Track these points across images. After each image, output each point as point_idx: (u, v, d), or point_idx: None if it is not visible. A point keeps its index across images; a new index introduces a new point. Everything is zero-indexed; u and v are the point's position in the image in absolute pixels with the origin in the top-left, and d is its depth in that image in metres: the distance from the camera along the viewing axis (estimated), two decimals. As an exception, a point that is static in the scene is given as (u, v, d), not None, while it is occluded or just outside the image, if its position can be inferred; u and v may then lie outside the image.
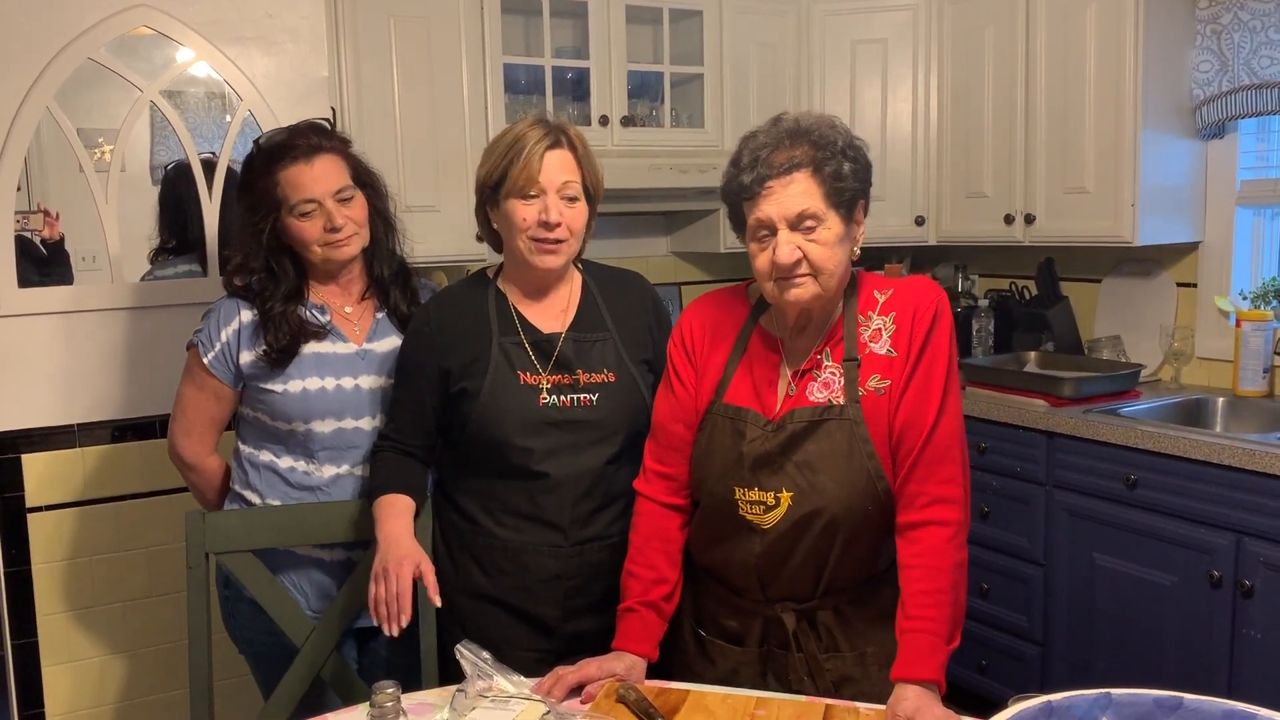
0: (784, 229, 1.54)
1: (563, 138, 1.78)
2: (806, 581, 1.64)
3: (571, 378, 1.81)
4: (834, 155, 1.55)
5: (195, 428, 2.00)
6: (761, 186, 1.54)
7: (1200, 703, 1.17)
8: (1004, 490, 3.05)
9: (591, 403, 1.81)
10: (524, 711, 1.48)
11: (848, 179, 1.55)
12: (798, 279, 1.56)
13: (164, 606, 2.69)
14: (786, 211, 1.54)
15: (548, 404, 1.80)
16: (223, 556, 1.92)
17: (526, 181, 1.75)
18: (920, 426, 1.57)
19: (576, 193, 1.79)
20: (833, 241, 1.55)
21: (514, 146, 1.76)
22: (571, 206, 1.78)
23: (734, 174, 1.59)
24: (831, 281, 1.58)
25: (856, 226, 1.61)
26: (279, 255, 1.93)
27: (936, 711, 1.40)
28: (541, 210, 1.75)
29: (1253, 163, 3.11)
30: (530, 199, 1.76)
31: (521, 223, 1.77)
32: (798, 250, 1.54)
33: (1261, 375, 2.98)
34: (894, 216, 3.64)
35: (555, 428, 1.79)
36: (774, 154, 1.55)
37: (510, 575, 1.83)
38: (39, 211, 2.64)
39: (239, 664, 2.10)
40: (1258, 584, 2.43)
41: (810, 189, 1.54)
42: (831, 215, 1.55)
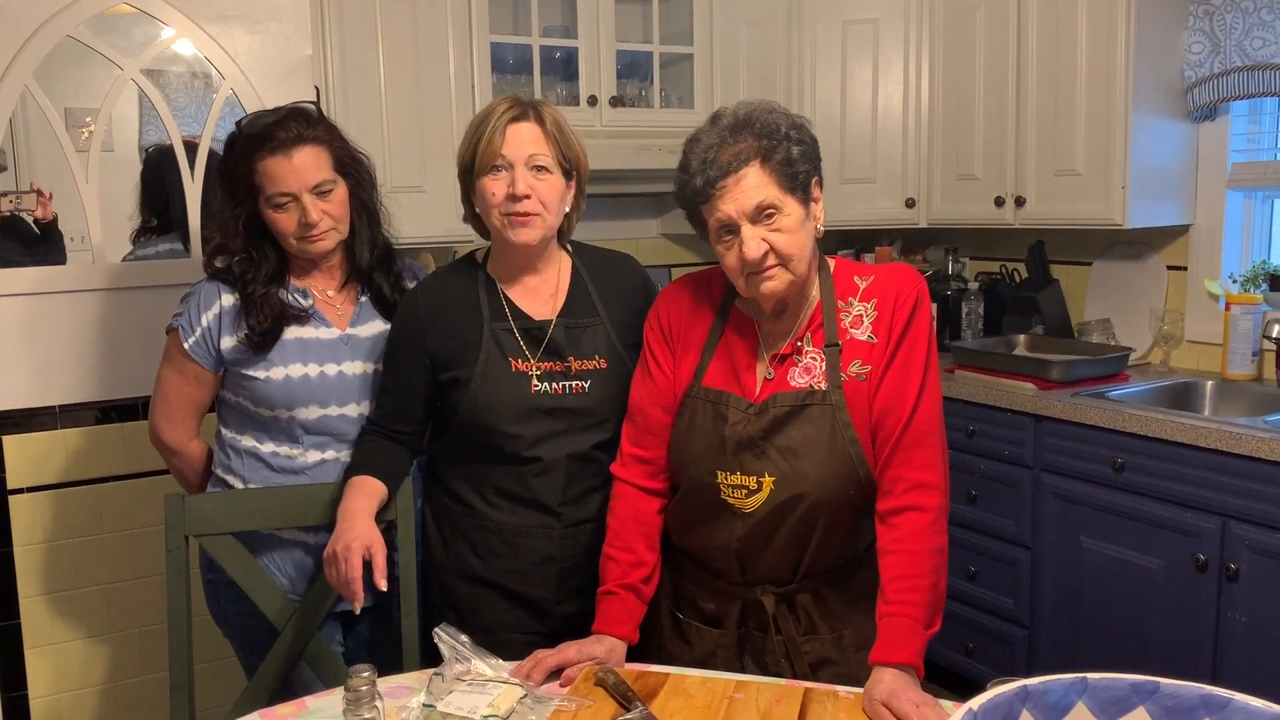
0: (746, 225, 1.54)
1: (530, 111, 1.77)
2: (786, 565, 1.64)
3: (563, 365, 1.81)
4: (780, 141, 1.54)
5: (176, 412, 1.98)
6: (714, 188, 1.53)
7: (1177, 687, 1.17)
8: (991, 474, 3.05)
9: (584, 390, 1.80)
10: (501, 695, 1.47)
11: (798, 162, 1.55)
12: (768, 271, 1.55)
13: (147, 589, 2.69)
14: (744, 207, 1.53)
15: (539, 391, 1.79)
16: (203, 539, 1.90)
17: (491, 155, 1.74)
18: (900, 412, 1.57)
19: (546, 164, 1.76)
20: (795, 228, 1.55)
21: (483, 122, 1.76)
22: (540, 178, 1.75)
23: (685, 180, 1.58)
24: (801, 266, 1.58)
25: (815, 205, 1.61)
26: (259, 240, 1.91)
27: (913, 694, 1.40)
28: (509, 183, 1.73)
29: (1244, 145, 3.10)
30: (498, 173, 1.74)
31: (491, 198, 1.75)
32: (763, 243, 1.54)
33: (1250, 359, 2.97)
34: (884, 199, 3.63)
35: (547, 415, 1.79)
36: (720, 153, 1.53)
37: (504, 558, 1.83)
38: (32, 191, 2.63)
39: (223, 646, 2.09)
40: (1243, 568, 2.43)
41: (763, 180, 1.53)
42: (789, 201, 1.55)
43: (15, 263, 2.54)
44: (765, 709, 1.47)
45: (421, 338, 1.83)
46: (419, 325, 1.84)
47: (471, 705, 1.44)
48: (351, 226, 1.97)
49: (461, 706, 1.44)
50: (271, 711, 1.55)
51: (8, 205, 2.57)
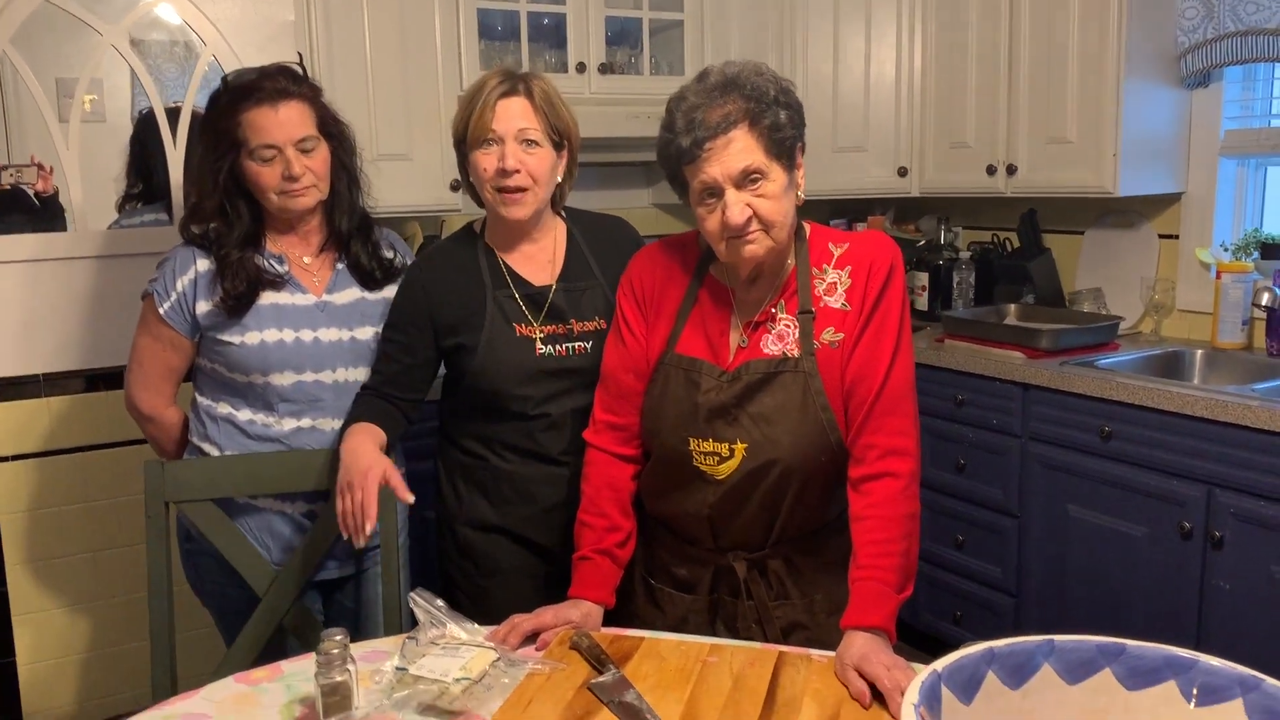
0: (730, 189, 1.52)
1: (520, 85, 1.80)
2: (758, 531, 1.64)
3: (565, 327, 1.87)
4: (769, 106, 1.52)
5: (152, 379, 1.98)
6: (701, 149, 1.51)
7: (1142, 648, 1.17)
8: (980, 443, 3.05)
9: (586, 350, 1.86)
10: (474, 658, 1.47)
11: (785, 128, 1.53)
12: (750, 236, 1.54)
13: (132, 557, 2.70)
14: (730, 170, 1.51)
15: (544, 354, 1.85)
16: (183, 506, 1.91)
17: (482, 129, 1.78)
18: (872, 379, 1.56)
19: (536, 138, 1.80)
20: (779, 194, 1.54)
21: (475, 97, 1.80)
22: (531, 152, 1.80)
23: (669, 139, 1.56)
24: (783, 233, 1.57)
25: (797, 171, 1.59)
26: (235, 198, 1.90)
27: (884, 658, 1.40)
28: (500, 158, 1.78)
29: (1237, 112, 3.07)
30: (489, 147, 1.79)
31: (484, 173, 1.80)
32: (747, 208, 1.52)
33: (1240, 327, 2.95)
34: (877, 168, 3.60)
35: (551, 376, 1.86)
36: (708, 113, 1.51)
37: (516, 504, 1.91)
38: (32, 165, 2.63)
39: (204, 615, 2.10)
40: (1227, 535, 2.43)
41: (750, 144, 1.51)
42: (775, 167, 1.53)
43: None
44: (738, 672, 1.47)
45: (426, 307, 1.88)
46: (423, 293, 1.89)
47: (444, 668, 1.44)
48: (333, 190, 1.96)
49: (434, 669, 1.43)
50: (246, 675, 1.55)
51: (8, 179, 2.57)
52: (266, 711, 1.44)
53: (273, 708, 1.45)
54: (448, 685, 1.40)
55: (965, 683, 1.14)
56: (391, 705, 1.40)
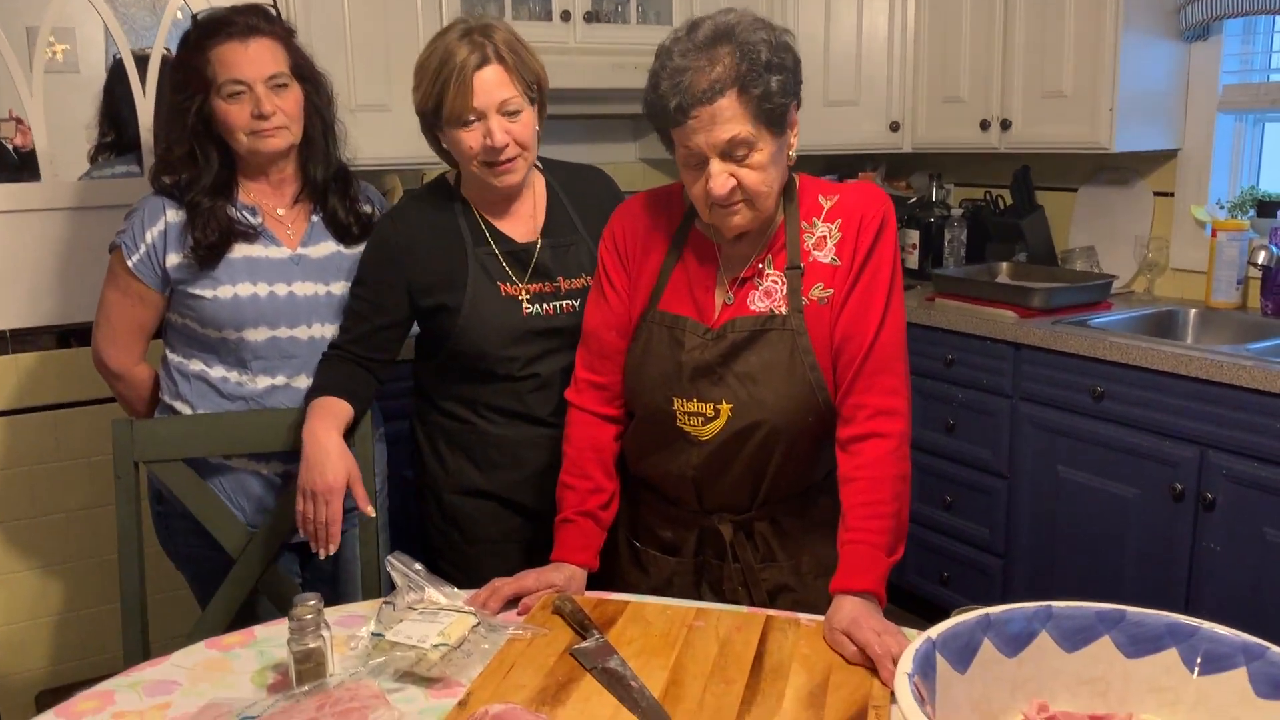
0: (715, 160, 1.45)
1: (489, 50, 1.69)
2: (744, 492, 1.59)
3: (552, 285, 1.81)
4: (760, 73, 1.42)
5: (120, 335, 1.91)
6: (686, 116, 1.43)
7: (1143, 615, 1.14)
8: (970, 403, 3.01)
9: (574, 308, 1.80)
10: (453, 623, 1.42)
11: (776, 95, 1.43)
12: (734, 207, 1.48)
13: (106, 517, 2.64)
14: (715, 140, 1.43)
15: (531, 313, 1.79)
16: (154, 466, 1.85)
17: (463, 108, 1.69)
18: (862, 337, 1.51)
19: (518, 106, 1.72)
20: (766, 164, 1.46)
21: (443, 70, 1.69)
22: (515, 120, 1.72)
23: (655, 98, 1.46)
24: (769, 203, 1.50)
25: (790, 132, 1.51)
26: (205, 142, 1.82)
27: (873, 623, 1.36)
28: (485, 134, 1.70)
29: (1236, 66, 3.00)
30: (470, 124, 1.70)
31: (469, 151, 1.72)
32: (731, 180, 1.45)
33: (1235, 286, 2.91)
34: (868, 122, 3.53)
35: (539, 336, 1.80)
36: (695, 78, 1.41)
37: (505, 469, 1.86)
38: (10, 119, 2.57)
39: (180, 575, 2.05)
40: (1219, 497, 2.40)
41: (738, 113, 1.42)
42: (763, 136, 1.45)
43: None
44: (724, 637, 1.43)
45: (400, 266, 1.80)
46: (397, 251, 1.80)
47: (421, 634, 1.39)
48: (307, 137, 1.88)
49: (411, 635, 1.39)
50: (218, 640, 1.51)
51: None
52: (238, 678, 1.40)
53: (245, 674, 1.41)
54: (425, 651, 1.36)
55: (960, 650, 1.10)
56: (367, 672, 1.35)
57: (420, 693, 1.34)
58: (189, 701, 1.33)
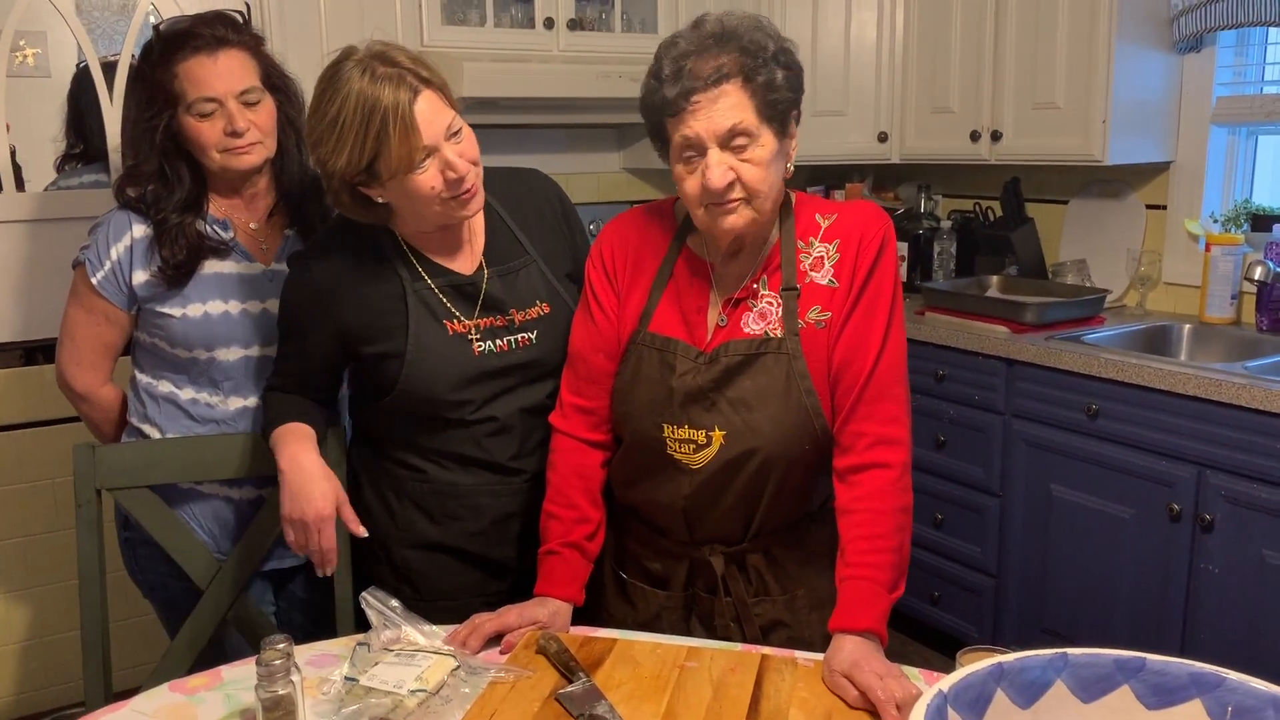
0: (714, 148, 1.38)
1: (411, 79, 1.47)
2: (737, 523, 1.52)
3: (505, 319, 1.64)
4: (765, 62, 1.38)
5: (86, 355, 1.82)
6: (687, 101, 1.37)
7: (1164, 664, 1.07)
8: (961, 419, 2.95)
9: (530, 341, 1.64)
10: (431, 667, 1.35)
11: (781, 89, 1.39)
12: (731, 205, 1.41)
13: (71, 541, 2.53)
14: (716, 128, 1.37)
15: (484, 352, 1.61)
16: (117, 493, 1.76)
17: (412, 152, 1.46)
18: (862, 363, 1.44)
19: (458, 125, 1.52)
20: (767, 160, 1.40)
21: (372, 121, 1.44)
22: (459, 141, 1.52)
23: (655, 87, 1.41)
24: (766, 204, 1.43)
25: (790, 141, 1.45)
26: (174, 159, 1.73)
27: (876, 665, 1.29)
28: (444, 168, 1.49)
29: (1229, 78, 2.96)
30: (426, 164, 1.49)
31: (430, 192, 1.50)
32: (730, 172, 1.39)
33: (1229, 301, 2.87)
34: (856, 132, 3.48)
35: (493, 376, 1.63)
36: (699, 63, 1.37)
37: (463, 520, 1.69)
38: None
39: (145, 602, 1.97)
40: (1218, 518, 2.36)
41: (741, 102, 1.37)
42: (765, 131, 1.39)
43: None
44: (719, 678, 1.37)
45: (325, 312, 1.61)
46: (320, 298, 1.61)
47: (398, 679, 1.32)
48: (280, 149, 1.80)
49: (387, 680, 1.32)
50: (182, 683, 1.43)
51: None
52: (203, 726, 1.32)
53: (210, 721, 1.33)
54: (402, 698, 1.30)
55: (973, 702, 1.03)
56: (340, 720, 1.28)
57: (396, 742, 1.26)
58: (150, 752, 1.25)
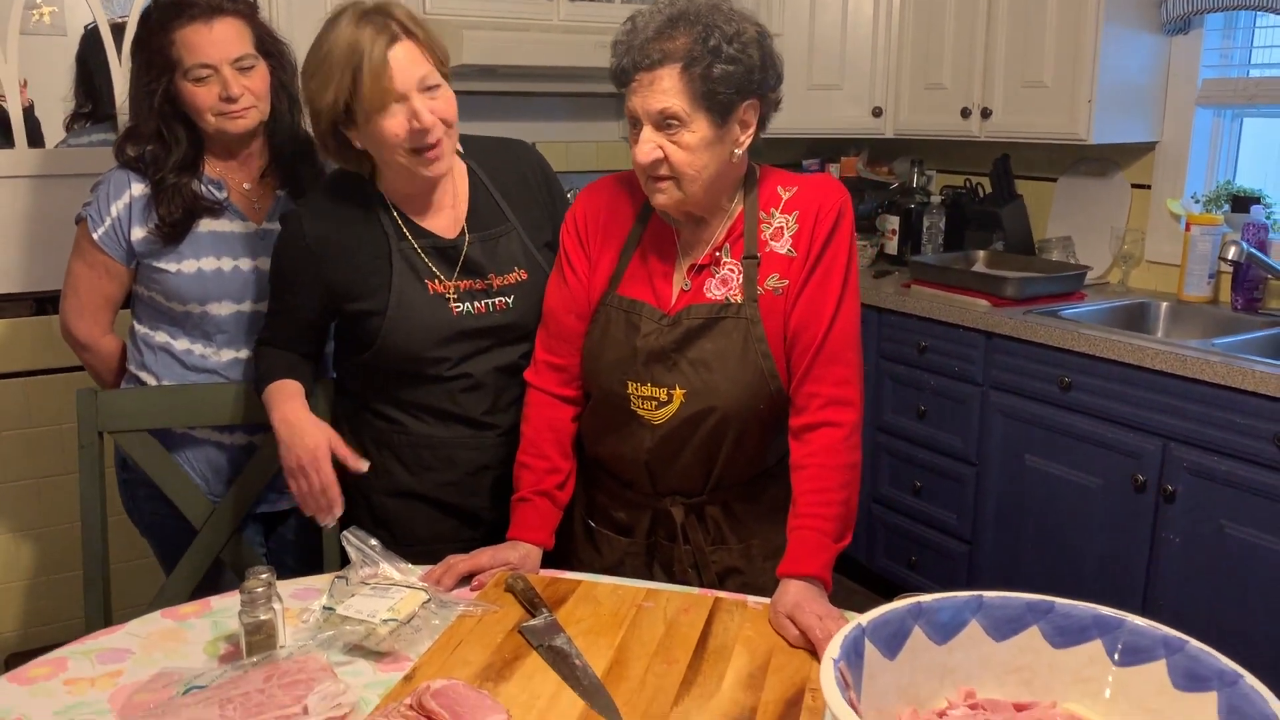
0: (648, 126, 1.47)
1: (396, 28, 1.57)
2: (696, 477, 1.61)
3: (484, 282, 1.71)
4: (706, 54, 1.44)
5: (87, 306, 1.92)
6: (630, 77, 1.47)
7: (1071, 607, 1.15)
8: (941, 390, 3.03)
9: (507, 305, 1.72)
10: (404, 599, 1.44)
11: (719, 83, 1.45)
12: (660, 185, 1.50)
13: (77, 484, 2.65)
14: (649, 108, 1.46)
15: (461, 312, 1.69)
16: (118, 436, 1.86)
17: (382, 94, 1.55)
18: (816, 328, 1.52)
19: (436, 81, 1.59)
20: (695, 146, 1.47)
21: (351, 60, 1.54)
22: (437, 97, 1.59)
23: (613, 59, 1.50)
24: (694, 187, 1.50)
25: (738, 128, 1.51)
26: (172, 121, 1.82)
27: (817, 607, 1.38)
28: (410, 117, 1.56)
29: (1216, 60, 3.01)
30: (393, 108, 1.56)
31: (394, 139, 1.58)
32: (658, 150, 1.47)
33: (1207, 281, 2.93)
34: (851, 107, 3.53)
35: (470, 336, 1.71)
36: (650, 44, 1.45)
37: (437, 471, 1.77)
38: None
39: (145, 544, 2.07)
40: (1180, 489, 2.43)
41: (675, 88, 1.44)
42: (698, 117, 1.46)
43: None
44: (672, 618, 1.46)
45: (315, 269, 1.69)
46: (310, 255, 1.68)
47: (372, 609, 1.41)
48: (274, 112, 1.88)
49: (361, 610, 1.41)
50: (174, 610, 1.53)
51: None
52: (191, 648, 1.42)
53: (198, 644, 1.43)
54: (375, 626, 1.38)
55: (890, 637, 1.12)
56: (316, 645, 1.38)
57: (369, 666, 1.36)
58: (140, 669, 1.35)
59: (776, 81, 1.54)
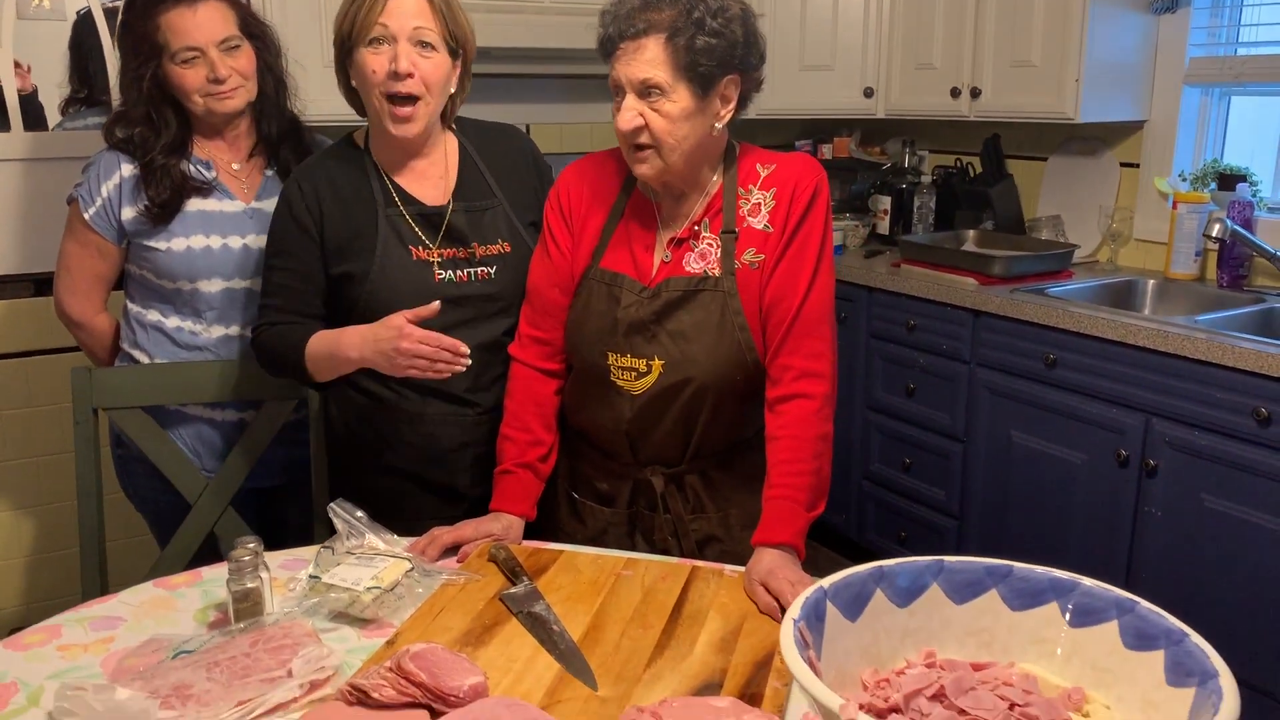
0: (630, 94, 1.51)
1: None
2: (675, 446, 1.65)
3: (466, 251, 1.73)
4: (689, 25, 1.47)
5: (80, 285, 1.96)
6: (615, 46, 1.50)
7: (1028, 571, 1.19)
8: (930, 368, 3.06)
9: (489, 276, 1.75)
10: (388, 568, 1.48)
11: (701, 54, 1.48)
12: (641, 155, 1.53)
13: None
14: (632, 76, 1.49)
15: (443, 279, 1.71)
16: (113, 413, 1.90)
17: (370, 25, 1.60)
18: (790, 302, 1.56)
19: (432, 40, 1.63)
20: (676, 115, 1.50)
21: None
22: (426, 56, 1.63)
23: (600, 30, 1.54)
24: (674, 156, 1.54)
25: (718, 102, 1.54)
26: (160, 105, 1.85)
27: (789, 574, 1.42)
28: (391, 59, 1.60)
29: (1204, 39, 3.02)
30: (379, 46, 1.61)
31: (371, 75, 1.62)
32: (639, 118, 1.51)
33: (1193, 258, 2.96)
34: (843, 88, 3.55)
35: (452, 304, 1.70)
36: (635, 13, 1.49)
37: (418, 447, 1.79)
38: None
39: (142, 523, 2.11)
40: (1162, 464, 2.46)
41: (658, 58, 1.48)
42: (680, 88, 1.50)
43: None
44: (649, 585, 1.49)
45: (314, 228, 1.71)
46: (306, 211, 1.71)
47: (356, 577, 1.45)
48: (260, 93, 1.92)
49: (346, 578, 1.45)
50: (166, 580, 1.57)
51: None
52: (181, 615, 1.45)
53: (188, 612, 1.46)
54: (359, 594, 1.42)
55: (852, 600, 1.15)
56: (302, 612, 1.42)
57: (353, 633, 1.39)
58: (132, 636, 1.39)
59: (759, 60, 1.57)
